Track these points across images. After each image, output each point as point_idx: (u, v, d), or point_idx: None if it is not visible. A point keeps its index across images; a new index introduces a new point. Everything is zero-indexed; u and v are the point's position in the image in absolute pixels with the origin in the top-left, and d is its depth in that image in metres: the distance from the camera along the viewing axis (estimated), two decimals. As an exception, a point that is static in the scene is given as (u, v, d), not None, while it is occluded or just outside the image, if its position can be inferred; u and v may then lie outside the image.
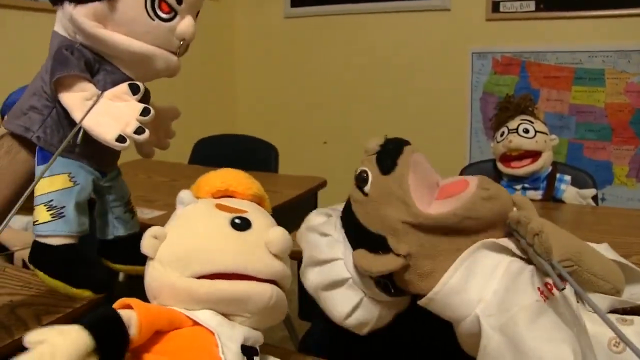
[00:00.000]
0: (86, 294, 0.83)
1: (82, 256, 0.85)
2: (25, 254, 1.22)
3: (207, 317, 0.66)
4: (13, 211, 0.76)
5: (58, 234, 0.81)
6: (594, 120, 2.71)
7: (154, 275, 0.68)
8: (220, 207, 0.73)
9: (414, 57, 3.03)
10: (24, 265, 1.21)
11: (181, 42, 0.85)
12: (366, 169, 0.81)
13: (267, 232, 0.69)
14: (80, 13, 0.79)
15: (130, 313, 0.59)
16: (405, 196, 0.74)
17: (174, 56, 0.86)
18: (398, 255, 0.72)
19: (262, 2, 3.38)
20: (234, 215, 0.71)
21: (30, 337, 0.52)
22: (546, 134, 1.71)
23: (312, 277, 0.82)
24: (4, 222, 0.74)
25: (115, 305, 0.62)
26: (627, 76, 2.61)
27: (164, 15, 0.82)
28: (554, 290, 0.65)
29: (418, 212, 0.72)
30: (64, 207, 0.81)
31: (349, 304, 0.80)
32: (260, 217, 0.73)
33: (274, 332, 0.75)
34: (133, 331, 0.58)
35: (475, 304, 0.67)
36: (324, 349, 0.87)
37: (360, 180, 0.81)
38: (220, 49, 3.32)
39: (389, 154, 0.81)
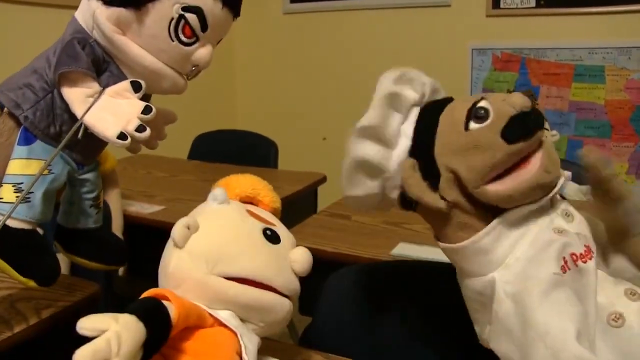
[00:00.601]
0: (30, 284, 0.82)
1: (36, 244, 0.84)
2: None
3: (228, 318, 0.67)
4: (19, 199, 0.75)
5: (18, 217, 0.80)
6: (594, 117, 2.71)
7: (180, 265, 0.68)
8: (251, 213, 0.75)
9: (413, 53, 3.02)
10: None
11: (194, 68, 0.85)
12: (490, 109, 0.69)
13: (292, 250, 0.73)
14: (104, 14, 0.79)
15: (169, 305, 0.59)
16: (488, 165, 0.67)
17: (182, 79, 0.86)
18: (442, 198, 0.69)
19: (262, -2, 3.38)
20: (265, 225, 0.73)
21: (87, 324, 0.50)
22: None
23: (361, 147, 0.76)
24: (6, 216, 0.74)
25: (149, 295, 0.62)
26: (628, 73, 2.60)
27: (184, 39, 0.81)
28: (579, 262, 0.64)
29: (480, 185, 0.67)
30: (32, 193, 0.80)
31: (365, 191, 0.76)
32: (286, 234, 0.75)
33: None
34: (172, 324, 0.59)
35: (496, 267, 0.67)
36: (325, 343, 0.87)
37: (476, 114, 0.69)
38: (220, 45, 3.31)
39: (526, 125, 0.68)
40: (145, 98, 0.83)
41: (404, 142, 0.74)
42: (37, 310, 0.97)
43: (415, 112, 0.77)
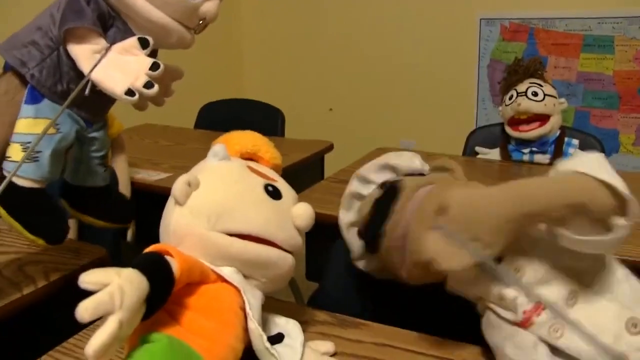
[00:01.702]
0: (39, 241, 0.83)
1: (44, 203, 0.85)
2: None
3: (231, 274, 0.67)
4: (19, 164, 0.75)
5: (27, 177, 0.81)
6: (601, 88, 2.69)
7: (181, 222, 0.68)
8: (252, 170, 0.74)
9: (422, 24, 2.99)
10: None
11: (200, 21, 0.84)
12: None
13: (294, 206, 0.73)
14: None
15: (172, 260, 0.59)
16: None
17: (190, 33, 0.85)
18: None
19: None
20: (267, 182, 0.73)
21: (90, 278, 0.50)
22: (555, 97, 1.70)
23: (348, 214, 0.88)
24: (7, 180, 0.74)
25: (152, 250, 0.62)
26: (638, 43, 2.57)
27: None
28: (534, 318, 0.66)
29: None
30: (40, 152, 0.81)
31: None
32: (288, 190, 0.75)
33: (278, 295, 0.78)
34: (175, 280, 0.59)
35: None
36: (332, 308, 0.88)
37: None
38: (226, 13, 3.29)
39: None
40: (152, 54, 0.82)
41: None
42: (46, 273, 0.97)
43: None
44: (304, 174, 1.83)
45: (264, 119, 2.29)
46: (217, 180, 0.71)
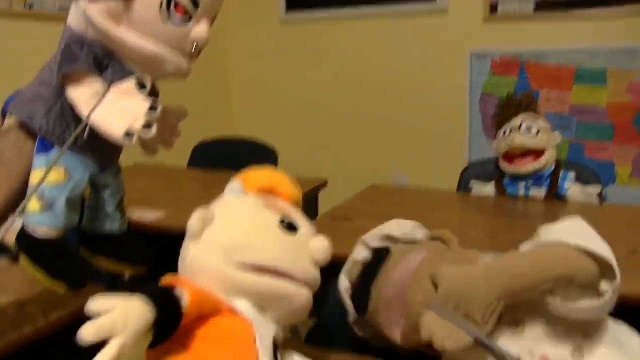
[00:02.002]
0: (61, 289, 0.84)
1: (64, 250, 0.86)
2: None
3: (244, 307, 0.67)
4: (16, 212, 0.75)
5: (44, 226, 0.82)
6: (596, 120, 2.70)
7: (197, 256, 0.69)
8: (268, 205, 0.75)
9: (412, 60, 3.02)
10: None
11: (194, 47, 0.84)
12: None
13: (311, 239, 0.73)
14: (94, 9, 0.78)
15: (182, 292, 0.60)
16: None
17: (185, 60, 0.85)
18: None
19: (257, 7, 3.38)
20: (282, 216, 0.73)
21: (96, 306, 0.51)
22: (549, 131, 1.70)
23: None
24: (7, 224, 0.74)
25: (165, 282, 0.64)
26: (631, 75, 2.59)
27: (178, 19, 0.81)
28: None
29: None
30: (54, 200, 0.82)
31: None
32: (305, 223, 0.76)
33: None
34: (184, 311, 0.59)
35: None
36: (329, 345, 0.87)
37: None
38: (216, 53, 3.32)
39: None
40: (153, 93, 0.82)
41: None
42: (45, 312, 0.98)
43: None
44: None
45: (258, 157, 2.29)
46: (232, 215, 0.72)
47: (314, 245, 0.71)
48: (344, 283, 0.90)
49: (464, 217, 1.57)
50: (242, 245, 0.68)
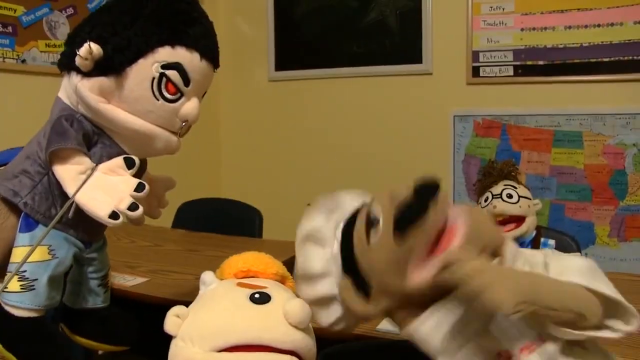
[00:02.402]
0: None
1: (43, 332, 0.83)
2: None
3: None
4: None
5: (24, 307, 0.80)
6: (574, 181, 2.75)
7: (176, 352, 0.68)
8: (241, 285, 0.74)
9: (396, 120, 3.07)
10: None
11: (183, 124, 0.85)
12: (379, 217, 0.73)
13: (285, 304, 0.70)
14: (86, 86, 0.79)
15: None
16: (401, 272, 0.71)
17: (175, 137, 0.86)
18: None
19: (247, 66, 3.44)
20: (254, 290, 0.72)
21: None
22: (529, 198, 1.73)
23: (304, 290, 0.80)
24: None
25: None
26: (604, 138, 2.67)
27: (169, 96, 0.82)
28: None
29: (404, 286, 0.71)
30: (36, 279, 0.80)
31: (334, 316, 0.80)
32: (280, 291, 0.73)
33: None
34: None
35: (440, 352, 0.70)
36: None
37: (369, 224, 0.75)
38: (205, 112, 3.34)
39: (410, 216, 0.71)
40: (140, 169, 0.82)
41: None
42: None
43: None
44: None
45: (242, 218, 2.29)
46: (203, 305, 0.71)
47: (285, 309, 0.69)
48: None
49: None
50: (212, 329, 0.67)
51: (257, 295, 0.70)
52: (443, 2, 2.92)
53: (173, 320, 0.68)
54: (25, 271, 0.80)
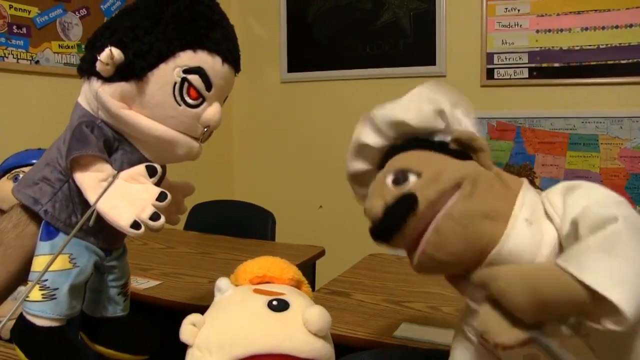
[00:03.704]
0: None
1: (64, 342, 0.82)
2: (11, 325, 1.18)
3: None
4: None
5: (45, 316, 0.79)
6: (589, 185, 2.72)
7: None
8: (258, 291, 0.73)
9: (409, 122, 3.05)
10: (10, 339, 1.17)
11: (205, 129, 0.84)
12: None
13: (305, 311, 0.69)
14: (107, 91, 0.78)
15: None
16: None
17: (196, 142, 0.84)
18: None
19: (259, 67, 3.43)
20: (272, 297, 0.70)
21: None
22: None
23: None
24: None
25: None
26: (620, 142, 2.63)
27: (191, 102, 0.81)
28: None
29: None
30: (57, 289, 0.79)
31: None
32: (298, 298, 0.72)
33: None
34: None
35: None
36: None
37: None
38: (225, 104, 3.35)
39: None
40: (160, 179, 0.81)
41: None
42: None
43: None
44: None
45: (255, 221, 2.28)
46: (219, 313, 0.70)
47: (305, 317, 0.67)
48: (353, 165, 0.84)
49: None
50: (229, 339, 0.66)
51: (275, 303, 0.69)
52: (457, 3, 2.90)
53: (189, 329, 0.67)
54: (46, 280, 0.79)
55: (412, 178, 0.69)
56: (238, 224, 2.27)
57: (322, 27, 3.24)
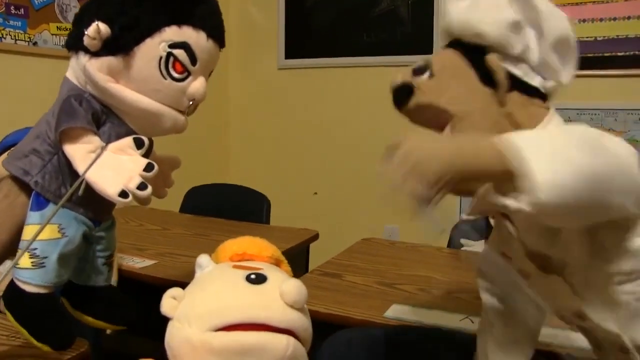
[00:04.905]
0: (45, 348, 0.83)
1: (52, 308, 0.85)
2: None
3: None
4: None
5: (34, 283, 0.81)
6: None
7: (173, 333, 0.68)
8: (237, 267, 0.74)
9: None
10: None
11: (191, 102, 0.86)
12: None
13: (281, 284, 0.70)
14: (94, 65, 0.80)
15: None
16: None
17: (182, 115, 0.87)
18: None
19: (256, 53, 3.44)
20: (250, 272, 0.72)
21: None
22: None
23: None
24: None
25: None
26: (615, 134, 2.64)
27: (176, 75, 0.83)
28: None
29: None
30: (47, 257, 0.81)
31: None
32: (276, 272, 0.74)
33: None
34: None
35: None
36: None
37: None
38: (214, 98, 3.35)
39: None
40: (147, 149, 0.83)
41: None
42: None
43: None
44: (289, 264, 1.80)
45: (250, 204, 2.30)
46: (199, 286, 0.72)
47: (282, 289, 0.69)
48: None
49: (455, 275, 1.58)
50: (207, 309, 0.67)
51: (253, 276, 0.70)
52: (456, -8, 2.90)
53: (169, 302, 0.69)
54: (36, 249, 0.81)
55: (426, 75, 0.76)
56: (233, 207, 2.28)
57: (320, 14, 3.25)
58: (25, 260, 0.80)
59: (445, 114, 0.72)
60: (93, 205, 0.86)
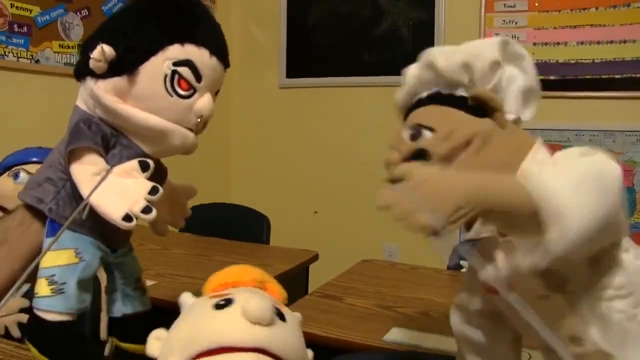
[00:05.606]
0: None
1: (76, 335, 0.84)
2: (7, 320, 1.20)
3: None
4: (18, 283, 0.75)
5: (55, 310, 0.81)
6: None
7: None
8: (212, 297, 0.73)
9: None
10: (6, 334, 1.19)
11: (199, 119, 0.87)
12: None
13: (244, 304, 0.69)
14: (101, 87, 0.81)
15: None
16: None
17: (191, 133, 0.87)
18: None
19: (258, 72, 3.45)
20: (219, 299, 0.71)
21: None
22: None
23: None
24: (6, 297, 0.73)
25: None
26: (613, 155, 2.65)
27: (182, 93, 0.83)
28: None
29: None
30: (65, 283, 0.81)
31: None
32: (245, 294, 0.71)
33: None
34: None
35: None
36: None
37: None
38: (215, 117, 3.36)
39: None
40: (159, 177, 0.83)
41: None
42: None
43: None
44: (289, 285, 1.78)
45: (250, 224, 2.30)
46: (176, 322, 0.71)
47: (244, 308, 0.66)
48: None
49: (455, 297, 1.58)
50: (183, 343, 0.67)
51: (222, 302, 0.69)
52: (456, 14, 2.93)
53: (153, 343, 0.69)
54: (54, 275, 0.81)
55: (427, 134, 0.73)
56: (233, 227, 2.28)
57: (321, 33, 3.27)
58: (44, 288, 0.80)
59: (464, 146, 0.73)
60: (107, 232, 0.85)
